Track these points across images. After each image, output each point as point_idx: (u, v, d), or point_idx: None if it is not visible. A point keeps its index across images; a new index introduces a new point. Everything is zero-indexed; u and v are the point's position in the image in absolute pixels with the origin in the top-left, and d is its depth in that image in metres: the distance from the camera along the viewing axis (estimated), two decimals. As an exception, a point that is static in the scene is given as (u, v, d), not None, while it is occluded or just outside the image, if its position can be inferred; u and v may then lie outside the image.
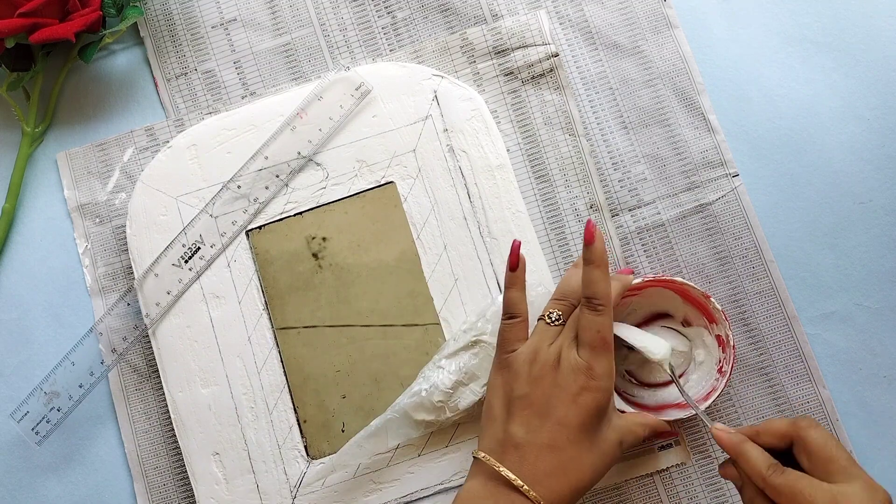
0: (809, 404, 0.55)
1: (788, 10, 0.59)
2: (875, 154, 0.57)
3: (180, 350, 0.55)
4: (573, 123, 0.58)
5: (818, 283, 0.56)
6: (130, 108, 0.60)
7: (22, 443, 0.57)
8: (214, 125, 0.58)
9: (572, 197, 0.57)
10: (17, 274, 0.59)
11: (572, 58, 0.59)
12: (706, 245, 0.57)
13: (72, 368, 0.55)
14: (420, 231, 0.56)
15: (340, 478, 0.54)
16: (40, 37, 0.54)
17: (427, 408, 0.52)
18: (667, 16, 0.59)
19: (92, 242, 0.58)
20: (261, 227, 0.57)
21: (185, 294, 0.56)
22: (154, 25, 0.61)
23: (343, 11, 0.60)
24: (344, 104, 0.57)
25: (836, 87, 0.58)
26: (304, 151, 0.57)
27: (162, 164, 0.57)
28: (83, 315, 0.58)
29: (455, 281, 0.56)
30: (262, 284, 0.56)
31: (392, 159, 0.57)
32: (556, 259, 0.57)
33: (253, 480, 0.54)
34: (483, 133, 0.57)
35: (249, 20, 0.60)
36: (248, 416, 0.55)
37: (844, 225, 0.57)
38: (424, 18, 0.60)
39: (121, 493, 0.56)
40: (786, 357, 0.55)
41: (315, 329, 0.56)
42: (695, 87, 0.58)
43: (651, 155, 0.58)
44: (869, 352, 0.56)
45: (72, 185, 0.59)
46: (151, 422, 0.56)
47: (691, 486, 0.55)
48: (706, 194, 0.57)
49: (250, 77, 0.60)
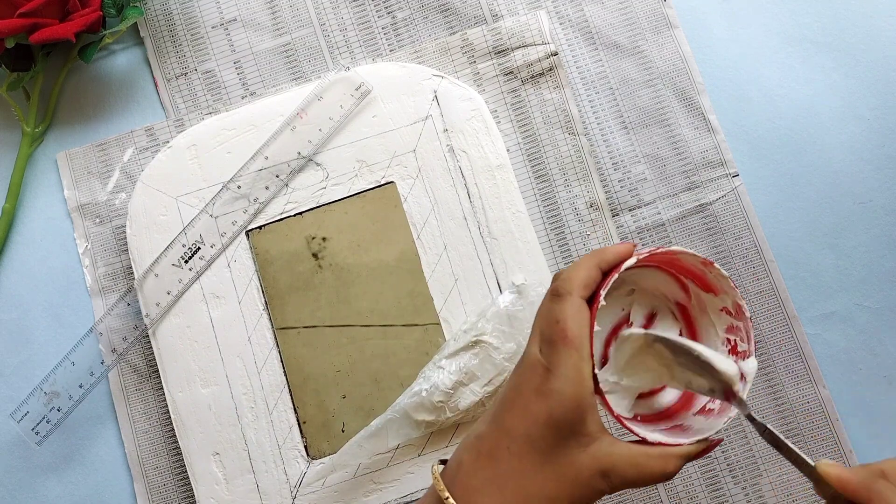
0: (809, 404, 0.55)
1: (788, 10, 0.59)
2: (875, 154, 0.57)
3: (180, 350, 0.55)
4: (573, 122, 0.58)
5: (818, 283, 0.56)
6: (130, 108, 0.60)
7: (22, 443, 0.57)
8: (214, 125, 0.58)
9: (572, 196, 0.57)
10: (17, 274, 0.59)
11: (572, 58, 0.59)
12: (706, 245, 0.57)
13: (72, 368, 0.55)
14: (420, 231, 0.56)
15: (340, 478, 0.54)
16: (40, 37, 0.54)
17: (427, 408, 0.52)
18: (667, 16, 0.59)
19: (92, 242, 0.58)
20: (261, 227, 0.57)
21: (185, 294, 0.56)
22: (154, 25, 0.61)
23: (343, 11, 0.60)
24: (344, 104, 0.57)
25: (836, 87, 0.58)
26: (304, 151, 0.57)
27: (162, 164, 0.57)
28: (83, 315, 0.58)
29: (455, 281, 0.56)
30: (262, 284, 0.56)
31: (392, 159, 0.57)
32: (556, 259, 0.57)
33: (253, 480, 0.54)
34: (483, 133, 0.57)
35: (249, 20, 0.60)
36: (248, 416, 0.55)
37: (844, 225, 0.57)
38: (424, 18, 0.60)
39: (121, 493, 0.56)
40: (786, 357, 0.55)
41: (315, 329, 0.56)
42: (695, 87, 0.58)
43: (651, 155, 0.58)
44: (869, 352, 0.56)
45: (72, 185, 0.59)
46: (151, 422, 0.56)
47: (691, 486, 0.55)
48: (706, 194, 0.57)
49: (250, 77, 0.60)
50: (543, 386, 0.37)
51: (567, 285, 0.38)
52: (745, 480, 0.54)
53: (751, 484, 0.54)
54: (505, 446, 0.37)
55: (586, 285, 0.39)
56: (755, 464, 0.55)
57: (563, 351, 0.37)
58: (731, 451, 0.55)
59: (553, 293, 0.39)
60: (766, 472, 0.54)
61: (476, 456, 0.38)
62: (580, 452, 0.37)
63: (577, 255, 0.57)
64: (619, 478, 0.37)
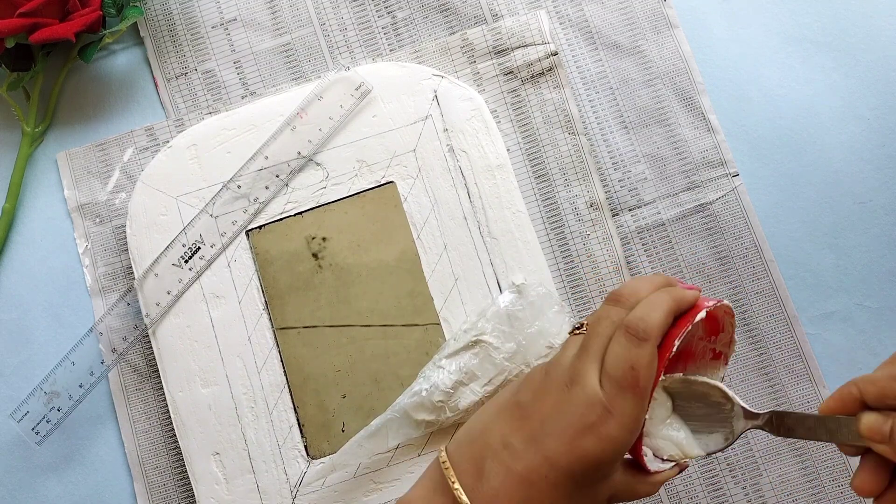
0: (809, 404, 0.55)
1: (788, 10, 0.59)
2: (875, 154, 0.57)
3: (180, 350, 0.55)
4: (573, 122, 0.58)
5: (818, 283, 0.56)
6: (130, 108, 0.60)
7: (22, 443, 0.57)
8: (214, 125, 0.58)
9: (572, 196, 0.57)
10: (17, 274, 0.59)
11: (572, 57, 0.59)
12: (706, 245, 0.57)
13: (72, 368, 0.55)
14: (420, 231, 0.56)
15: (340, 478, 0.54)
16: (40, 37, 0.54)
17: (427, 408, 0.52)
18: (667, 16, 0.59)
19: (92, 242, 0.58)
20: (261, 227, 0.57)
21: (185, 294, 0.56)
22: (154, 25, 0.61)
23: (343, 11, 0.60)
24: (344, 104, 0.57)
25: (836, 87, 0.58)
26: (304, 151, 0.57)
27: (162, 164, 0.57)
28: (83, 315, 0.58)
29: (455, 281, 0.56)
30: (262, 284, 0.56)
31: (392, 159, 0.57)
32: (556, 259, 0.57)
33: (253, 480, 0.54)
34: (483, 133, 0.57)
35: (249, 20, 0.60)
36: (248, 416, 0.55)
37: (844, 225, 0.57)
38: (424, 18, 0.60)
39: (121, 493, 0.56)
40: (786, 357, 0.55)
41: (315, 329, 0.56)
42: (695, 87, 0.58)
43: (651, 154, 0.58)
44: (869, 352, 0.56)
45: (72, 185, 0.59)
46: (151, 422, 0.56)
47: (691, 486, 0.55)
48: (706, 194, 0.57)
49: (250, 77, 0.60)
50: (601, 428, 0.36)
51: (650, 330, 0.37)
52: (745, 480, 0.54)
53: (751, 484, 0.54)
54: (544, 474, 0.37)
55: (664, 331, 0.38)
56: (755, 464, 0.55)
57: (630, 399, 0.36)
58: (731, 451, 0.55)
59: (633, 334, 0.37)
60: (766, 472, 0.54)
61: (506, 472, 0.37)
62: (603, 486, 0.38)
63: (577, 255, 0.57)
64: (618, 500, 0.39)
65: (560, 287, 0.56)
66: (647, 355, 0.36)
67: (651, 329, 0.37)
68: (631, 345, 0.36)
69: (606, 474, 0.38)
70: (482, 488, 0.37)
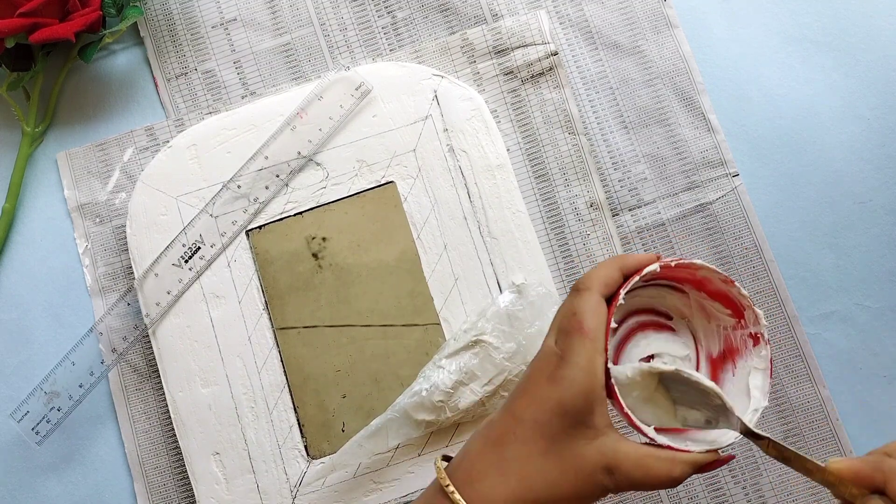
0: (809, 404, 0.55)
1: (788, 10, 0.59)
2: (875, 154, 0.57)
3: (180, 350, 0.55)
4: (573, 122, 0.58)
5: (818, 283, 0.56)
6: (130, 108, 0.60)
7: (22, 443, 0.57)
8: (214, 125, 0.58)
9: (572, 196, 0.57)
10: (17, 274, 0.59)
11: (572, 57, 0.59)
12: (706, 245, 0.57)
13: (72, 368, 0.55)
14: (420, 231, 0.56)
15: (340, 477, 0.54)
16: (40, 37, 0.54)
17: (427, 408, 0.52)
18: (667, 16, 0.59)
19: (92, 242, 0.58)
20: (261, 227, 0.57)
21: (185, 294, 0.56)
22: (154, 25, 0.61)
23: (343, 11, 0.60)
24: (344, 104, 0.57)
25: (836, 87, 0.58)
26: (304, 151, 0.57)
27: (162, 163, 0.57)
28: (83, 315, 0.58)
29: (455, 281, 0.56)
30: (262, 284, 0.56)
31: (392, 159, 0.57)
32: (556, 259, 0.57)
33: (253, 480, 0.54)
34: (483, 133, 0.57)
35: (249, 20, 0.60)
36: (248, 415, 0.55)
37: (844, 225, 0.57)
38: (424, 18, 0.60)
39: (121, 493, 0.56)
40: (786, 357, 0.55)
41: (315, 329, 0.56)
42: (695, 86, 0.58)
43: (651, 154, 0.58)
44: (869, 352, 0.56)
45: (72, 185, 0.59)
46: (151, 422, 0.56)
47: (691, 486, 0.55)
48: (706, 194, 0.57)
49: (250, 77, 0.60)
50: (555, 373, 0.37)
51: (587, 281, 0.39)
52: (745, 480, 0.54)
53: (751, 484, 0.54)
54: (512, 431, 0.38)
55: (606, 283, 0.39)
56: (755, 464, 0.55)
57: (577, 341, 0.37)
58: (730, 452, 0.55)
59: (573, 289, 0.39)
60: (766, 472, 0.54)
61: (484, 442, 0.38)
62: (586, 444, 0.37)
63: (578, 255, 0.57)
64: (624, 476, 0.37)
65: (560, 287, 0.56)
66: (585, 301, 0.38)
67: (589, 280, 0.39)
68: (572, 296, 0.39)
69: (584, 427, 0.37)
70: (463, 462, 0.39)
